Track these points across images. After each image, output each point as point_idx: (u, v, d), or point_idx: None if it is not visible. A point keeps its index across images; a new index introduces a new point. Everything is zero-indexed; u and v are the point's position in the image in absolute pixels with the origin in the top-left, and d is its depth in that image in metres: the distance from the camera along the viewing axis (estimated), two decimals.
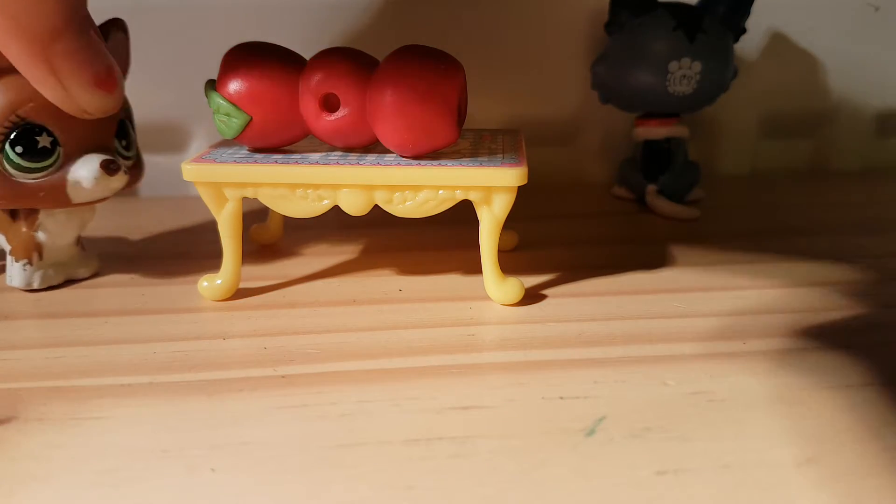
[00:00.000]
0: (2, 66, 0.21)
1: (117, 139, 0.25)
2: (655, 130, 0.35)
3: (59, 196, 0.24)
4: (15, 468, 0.16)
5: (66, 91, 0.19)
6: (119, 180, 0.24)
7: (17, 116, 0.22)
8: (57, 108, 0.20)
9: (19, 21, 0.17)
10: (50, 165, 0.23)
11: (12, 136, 0.22)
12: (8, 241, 0.25)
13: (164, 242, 0.31)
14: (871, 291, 0.25)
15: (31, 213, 0.25)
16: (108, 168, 0.23)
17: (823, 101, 0.42)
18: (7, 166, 0.23)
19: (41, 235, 0.25)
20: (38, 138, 0.23)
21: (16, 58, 0.19)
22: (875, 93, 0.42)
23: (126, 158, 0.25)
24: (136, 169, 0.26)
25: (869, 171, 0.44)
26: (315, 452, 0.17)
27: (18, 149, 0.22)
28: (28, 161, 0.23)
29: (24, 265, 0.25)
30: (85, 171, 0.23)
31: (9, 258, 0.25)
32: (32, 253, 0.25)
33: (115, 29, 0.26)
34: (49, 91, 0.19)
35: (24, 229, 0.25)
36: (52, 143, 0.23)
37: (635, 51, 0.33)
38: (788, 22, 0.40)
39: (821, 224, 0.33)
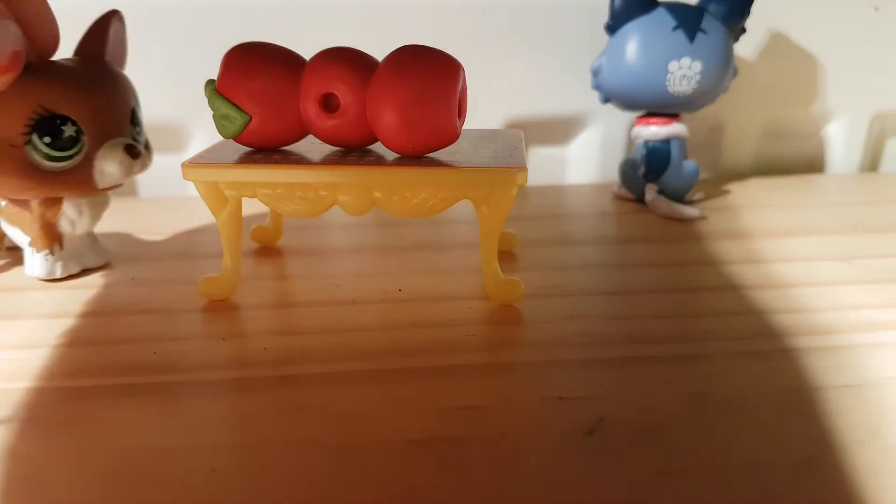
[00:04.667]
0: (27, 60, 0.21)
1: (131, 125, 0.26)
2: (655, 130, 0.35)
3: (86, 182, 0.24)
4: (15, 468, 0.16)
5: None
6: (141, 164, 0.25)
7: (42, 108, 0.23)
8: (79, 99, 0.22)
9: None
10: (77, 153, 0.24)
11: (40, 128, 0.23)
12: (25, 232, 0.26)
13: (164, 242, 0.31)
14: (865, 292, 0.25)
15: (54, 204, 0.25)
16: (132, 152, 0.25)
17: (823, 101, 0.42)
18: (36, 157, 0.23)
19: (63, 225, 0.26)
20: (63, 128, 0.23)
21: None
22: (875, 93, 0.42)
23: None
24: (148, 153, 0.27)
25: (868, 171, 0.44)
26: (315, 452, 0.17)
27: (47, 139, 0.23)
28: (56, 150, 0.23)
29: (46, 255, 0.26)
30: (111, 157, 0.24)
31: (27, 250, 0.26)
32: (53, 243, 0.26)
33: (115, 20, 0.26)
34: None
35: (45, 220, 0.25)
36: (76, 131, 0.24)
37: (635, 51, 0.33)
38: (788, 22, 0.40)
39: (821, 224, 0.33)
